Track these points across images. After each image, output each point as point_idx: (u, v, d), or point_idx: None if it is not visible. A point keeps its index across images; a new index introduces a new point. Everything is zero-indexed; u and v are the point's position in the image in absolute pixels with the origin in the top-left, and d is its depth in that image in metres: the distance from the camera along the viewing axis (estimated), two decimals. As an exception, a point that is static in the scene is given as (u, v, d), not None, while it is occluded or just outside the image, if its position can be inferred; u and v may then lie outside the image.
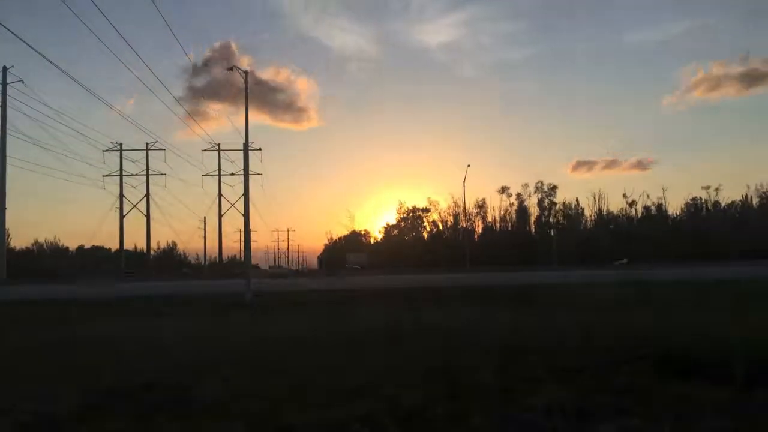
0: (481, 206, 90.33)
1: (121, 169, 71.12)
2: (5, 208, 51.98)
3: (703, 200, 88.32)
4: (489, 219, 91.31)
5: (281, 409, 3.86)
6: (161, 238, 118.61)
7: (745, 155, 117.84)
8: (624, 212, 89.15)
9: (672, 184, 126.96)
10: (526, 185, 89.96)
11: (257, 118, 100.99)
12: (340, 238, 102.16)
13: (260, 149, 65.41)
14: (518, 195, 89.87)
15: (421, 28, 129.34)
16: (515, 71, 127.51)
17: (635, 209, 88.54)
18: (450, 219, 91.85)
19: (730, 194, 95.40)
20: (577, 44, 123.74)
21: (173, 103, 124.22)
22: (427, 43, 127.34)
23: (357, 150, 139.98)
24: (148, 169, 72.02)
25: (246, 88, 22.23)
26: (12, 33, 15.81)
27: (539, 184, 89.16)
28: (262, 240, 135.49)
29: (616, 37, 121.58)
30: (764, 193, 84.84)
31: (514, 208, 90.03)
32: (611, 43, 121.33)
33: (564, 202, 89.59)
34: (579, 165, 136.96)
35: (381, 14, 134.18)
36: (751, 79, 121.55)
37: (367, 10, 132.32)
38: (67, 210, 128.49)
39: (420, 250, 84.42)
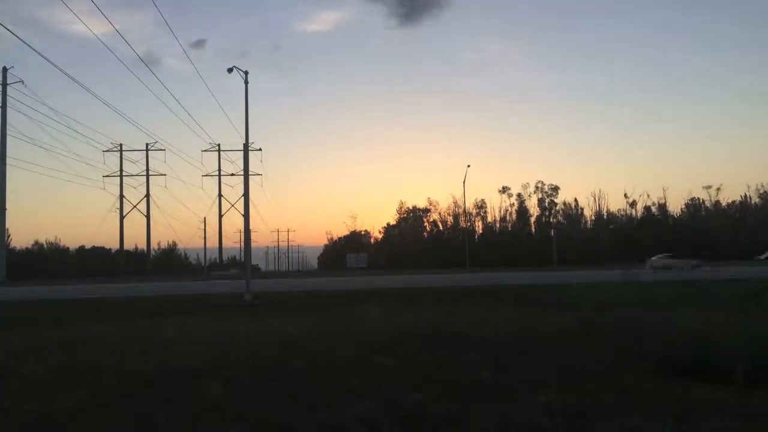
0: (481, 206, 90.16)
1: (121, 170, 71.22)
2: (5, 208, 51.91)
3: (702, 200, 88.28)
4: (489, 219, 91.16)
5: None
6: (161, 238, 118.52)
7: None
8: (624, 212, 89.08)
9: (672, 184, 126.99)
10: (526, 185, 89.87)
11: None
12: (340, 238, 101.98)
13: (260, 149, 65.55)
14: (519, 195, 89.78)
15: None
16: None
17: (635, 209, 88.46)
18: (450, 219, 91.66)
19: (729, 194, 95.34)
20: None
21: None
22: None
23: (357, 149, 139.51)
24: (148, 169, 72.11)
25: (246, 88, 22.23)
26: (12, 33, 15.74)
27: (539, 184, 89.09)
28: (262, 240, 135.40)
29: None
30: (764, 193, 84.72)
31: (515, 208, 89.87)
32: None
33: (564, 202, 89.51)
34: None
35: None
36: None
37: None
38: (67, 210, 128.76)
39: (420, 250, 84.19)
